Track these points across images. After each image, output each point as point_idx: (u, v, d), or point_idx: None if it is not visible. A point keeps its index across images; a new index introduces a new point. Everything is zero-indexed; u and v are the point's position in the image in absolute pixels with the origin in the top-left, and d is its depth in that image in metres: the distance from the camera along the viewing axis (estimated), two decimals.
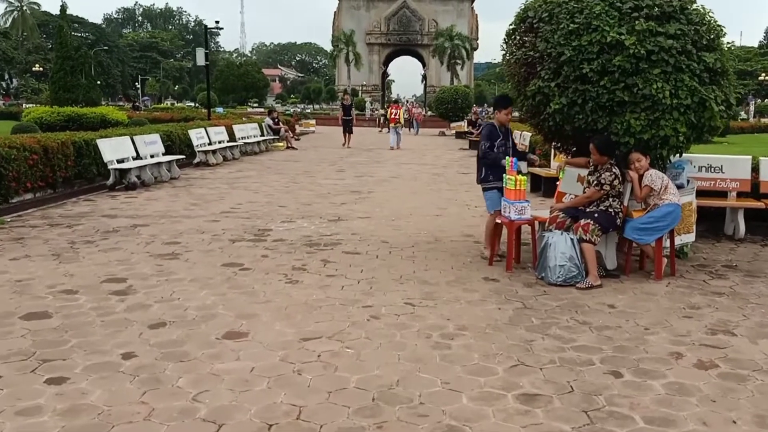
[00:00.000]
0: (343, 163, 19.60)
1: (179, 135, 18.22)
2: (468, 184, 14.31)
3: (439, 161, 20.55)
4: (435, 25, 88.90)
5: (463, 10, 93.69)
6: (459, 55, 73.43)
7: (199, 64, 28.95)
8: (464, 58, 75.09)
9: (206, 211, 10.67)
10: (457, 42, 73.08)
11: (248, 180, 14.92)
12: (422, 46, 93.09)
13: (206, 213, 10.45)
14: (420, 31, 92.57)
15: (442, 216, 10.32)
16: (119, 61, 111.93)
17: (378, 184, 14.53)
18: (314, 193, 12.91)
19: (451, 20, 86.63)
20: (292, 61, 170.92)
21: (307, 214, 10.39)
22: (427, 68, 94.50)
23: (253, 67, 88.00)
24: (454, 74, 74.42)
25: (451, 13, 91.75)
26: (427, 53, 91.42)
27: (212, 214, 10.39)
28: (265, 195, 12.55)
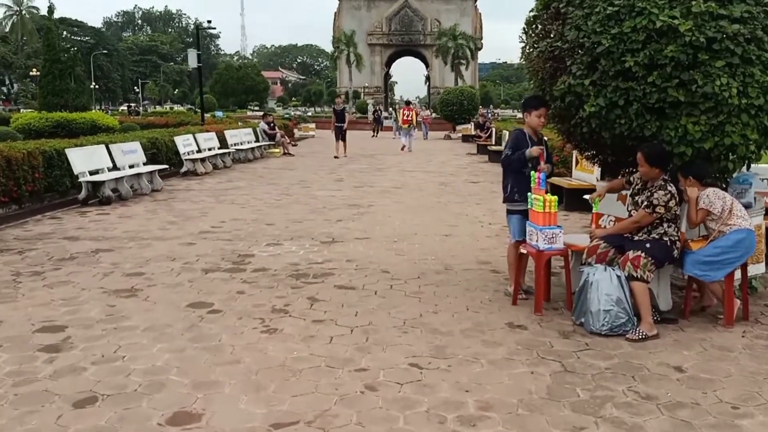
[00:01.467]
0: (342, 171, 18.36)
1: (166, 142, 17.03)
2: (478, 195, 13.05)
3: (445, 168, 19.29)
4: (438, 25, 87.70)
5: (467, 9, 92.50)
6: (463, 55, 72.19)
7: (191, 66, 27.80)
8: (468, 58, 73.83)
9: (183, 231, 9.43)
10: (461, 41, 71.85)
11: (237, 192, 13.69)
12: (425, 47, 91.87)
13: (182, 234, 9.21)
14: (422, 31, 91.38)
15: (451, 236, 9.06)
16: (119, 65, 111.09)
17: (379, 195, 13.29)
18: (308, 207, 11.67)
19: (454, 19, 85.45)
20: (294, 64, 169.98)
21: (297, 235, 9.14)
22: (431, 69, 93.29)
23: (253, 69, 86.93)
24: (459, 75, 73.19)
25: (454, 12, 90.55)
26: (430, 54, 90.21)
27: (189, 234, 9.15)
28: (253, 210, 11.31)
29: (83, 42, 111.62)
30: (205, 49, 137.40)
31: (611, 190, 5.77)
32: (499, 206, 11.73)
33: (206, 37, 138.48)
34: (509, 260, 6.18)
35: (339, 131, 22.97)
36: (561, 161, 13.65)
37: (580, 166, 11.54)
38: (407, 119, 27.19)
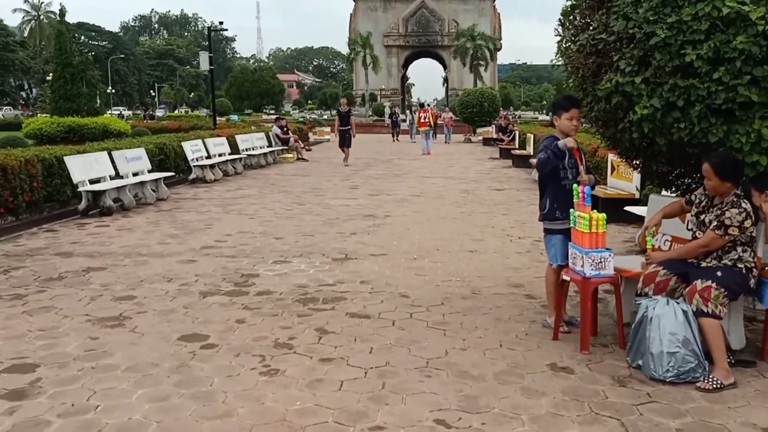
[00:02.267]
0: (357, 177, 17.64)
1: (174, 148, 16.42)
2: (504, 205, 12.26)
3: (467, 174, 18.50)
4: (455, 26, 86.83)
5: (485, 9, 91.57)
6: (482, 56, 71.27)
7: (202, 68, 27.27)
8: (488, 59, 72.90)
9: (184, 245, 8.74)
10: (479, 42, 70.94)
11: (246, 201, 13.00)
12: (442, 48, 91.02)
13: (183, 249, 8.52)
14: (440, 32, 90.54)
15: (478, 252, 8.28)
16: (136, 69, 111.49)
17: (397, 204, 12.54)
18: (320, 218, 10.95)
19: (472, 20, 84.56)
20: (310, 66, 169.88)
21: (308, 250, 8.41)
22: (449, 70, 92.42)
23: (268, 72, 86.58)
24: (477, 76, 72.26)
25: (472, 13, 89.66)
26: (447, 55, 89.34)
27: (190, 250, 8.46)
28: (261, 221, 10.61)
29: (101, 46, 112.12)
30: (221, 53, 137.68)
31: (667, 216, 4.95)
32: (527, 216, 11.01)
33: (222, 41, 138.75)
34: (548, 288, 5.40)
35: (343, 136, 21.24)
36: (594, 167, 12.83)
37: (617, 173, 10.72)
38: (425, 122, 26.95)
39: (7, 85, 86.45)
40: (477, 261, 7.78)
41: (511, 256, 8.03)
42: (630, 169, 9.95)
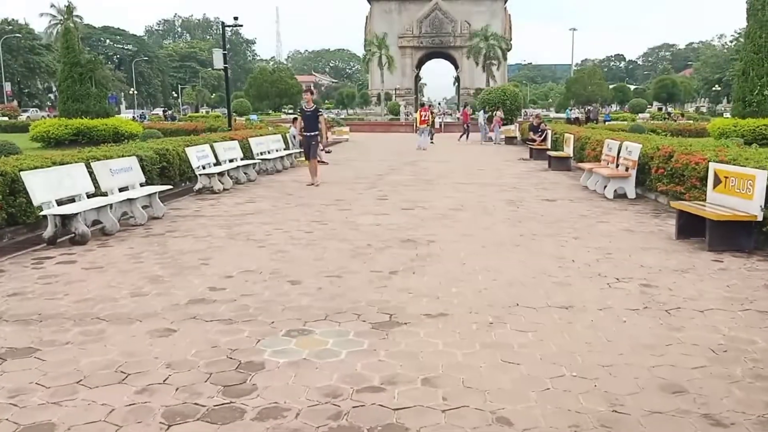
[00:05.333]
0: (383, 184, 14.82)
1: (179, 153, 13.69)
2: (567, 223, 9.40)
3: (503, 179, 15.62)
4: (468, 27, 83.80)
5: (497, 10, 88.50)
6: (495, 56, 68.06)
7: (216, 66, 24.49)
8: (500, 59, 69.68)
9: (166, 298, 5.97)
10: (492, 42, 67.74)
11: (257, 219, 10.23)
12: (455, 48, 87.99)
13: (163, 306, 5.75)
14: (453, 33, 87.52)
15: (575, 309, 5.44)
16: (159, 71, 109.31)
17: (438, 222, 9.73)
18: (347, 245, 8.17)
19: (484, 21, 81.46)
20: (326, 68, 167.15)
21: (335, 307, 5.62)
22: (460, 70, 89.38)
23: (286, 73, 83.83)
24: (490, 75, 69.08)
25: (485, 14, 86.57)
26: (460, 55, 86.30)
27: (172, 308, 5.69)
28: (273, 252, 7.83)
29: (125, 50, 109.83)
30: (242, 55, 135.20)
31: None
32: (607, 242, 8.02)
33: (242, 43, 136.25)
34: None
35: (308, 144, 14.29)
36: (668, 174, 9.97)
37: (725, 187, 7.81)
38: (426, 120, 27.41)
39: (33, 87, 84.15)
40: (583, 329, 4.94)
41: (628, 318, 5.20)
42: (748, 182, 7.10)
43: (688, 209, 7.85)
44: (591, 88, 65.70)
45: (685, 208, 7.93)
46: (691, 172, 9.42)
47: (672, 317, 5.17)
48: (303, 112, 14.50)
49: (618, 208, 10.72)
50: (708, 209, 7.69)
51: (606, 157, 13.19)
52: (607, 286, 6.11)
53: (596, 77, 72.34)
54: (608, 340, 4.72)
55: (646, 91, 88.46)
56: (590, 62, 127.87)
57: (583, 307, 5.50)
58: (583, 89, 65.67)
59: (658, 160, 10.90)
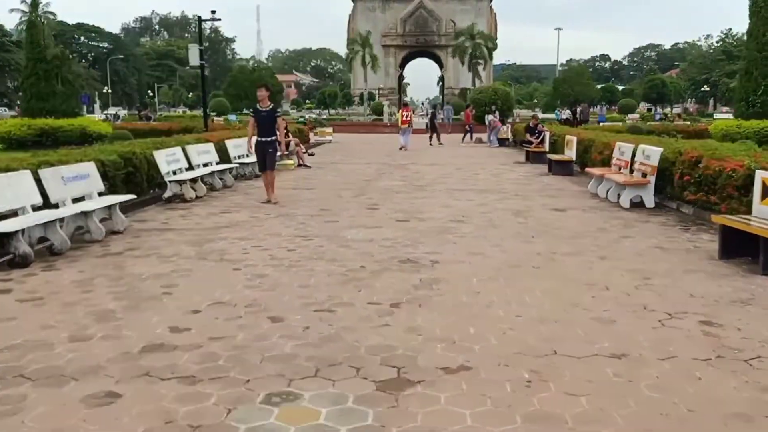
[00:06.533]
0: (372, 190, 13.72)
1: (147, 157, 12.45)
2: (587, 238, 8.34)
3: (502, 184, 14.58)
4: (453, 25, 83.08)
5: (482, 9, 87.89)
6: (481, 55, 67.21)
7: (192, 64, 23.27)
8: (486, 58, 68.87)
9: (115, 342, 4.82)
10: (478, 41, 66.90)
11: (232, 233, 9.07)
12: (440, 47, 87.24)
13: (109, 353, 4.59)
14: (437, 32, 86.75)
15: (633, 361, 4.34)
16: (135, 69, 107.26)
17: (438, 236, 8.65)
18: (338, 266, 7.05)
19: (469, 20, 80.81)
20: (308, 67, 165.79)
21: (327, 357, 4.49)
22: (445, 70, 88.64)
23: (267, 72, 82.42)
24: (476, 75, 68.26)
25: (470, 13, 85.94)
26: (445, 54, 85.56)
27: (121, 356, 4.53)
28: (251, 277, 6.70)
29: (101, 47, 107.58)
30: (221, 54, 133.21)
31: None
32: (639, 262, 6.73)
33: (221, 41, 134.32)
34: None
35: (263, 152, 11.81)
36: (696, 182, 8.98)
37: None
38: (407, 120, 27.36)
39: (2, 85, 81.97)
40: (650, 391, 3.83)
41: (701, 373, 4.12)
42: None
43: (735, 225, 6.83)
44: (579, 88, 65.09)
45: (730, 223, 6.92)
46: (726, 180, 8.42)
47: (756, 371, 4.12)
48: (257, 112, 11.90)
49: (639, 220, 9.71)
50: (755, 224, 6.68)
51: (617, 162, 12.20)
52: (660, 325, 5.06)
53: (584, 77, 71.81)
54: (689, 409, 3.65)
55: (634, 91, 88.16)
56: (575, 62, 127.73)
57: (640, 356, 4.43)
58: (571, 89, 65.05)
59: (682, 166, 9.91)
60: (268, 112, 11.85)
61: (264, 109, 11.86)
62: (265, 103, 11.91)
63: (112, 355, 4.58)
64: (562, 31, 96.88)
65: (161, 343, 4.83)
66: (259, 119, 11.85)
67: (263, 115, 11.82)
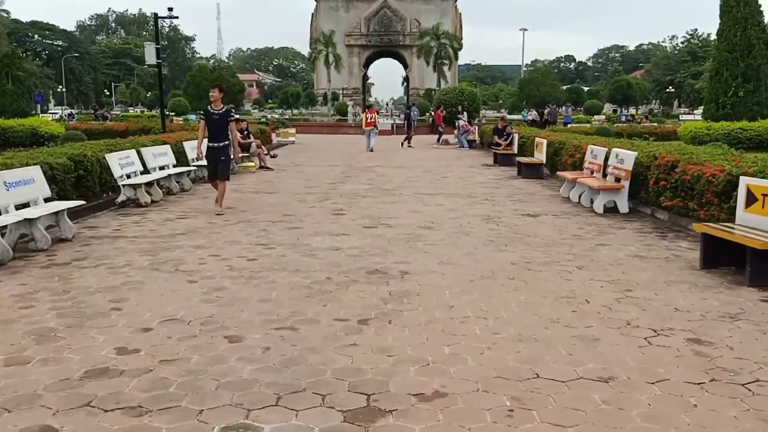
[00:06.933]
0: (337, 194, 13.37)
1: (99, 160, 11.91)
2: (564, 246, 8.10)
3: (471, 188, 14.37)
4: (417, 25, 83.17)
5: (447, 9, 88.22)
6: (446, 55, 67.28)
7: (148, 62, 22.57)
8: (452, 58, 68.99)
9: (55, 367, 4.40)
10: (443, 41, 66.96)
11: (189, 241, 8.63)
12: (404, 47, 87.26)
13: (48, 379, 4.17)
14: (402, 32, 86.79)
15: (622, 385, 4.07)
16: (91, 68, 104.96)
17: (407, 244, 8.35)
18: (301, 278, 6.69)
19: (434, 19, 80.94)
20: (270, 66, 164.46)
21: (288, 385, 4.13)
22: (410, 70, 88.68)
23: (227, 71, 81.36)
24: (441, 75, 68.31)
25: (434, 13, 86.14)
26: (409, 54, 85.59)
27: (60, 384, 4.12)
28: (207, 290, 6.29)
29: (55, 45, 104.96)
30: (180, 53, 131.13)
31: None
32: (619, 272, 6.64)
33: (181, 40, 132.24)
34: None
35: (215, 160, 10.99)
36: (672, 187, 8.83)
37: (763, 206, 6.66)
38: (371, 121, 27.35)
39: None
40: (643, 420, 3.56)
41: (696, 399, 3.88)
42: None
43: (717, 233, 6.67)
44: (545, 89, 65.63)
45: (713, 231, 6.76)
46: (705, 185, 8.29)
47: (757, 397, 3.89)
48: (208, 115, 10.92)
49: (614, 226, 9.55)
50: (739, 233, 6.53)
51: (590, 165, 12.07)
52: (647, 343, 4.82)
53: (550, 78, 72.47)
54: None
55: (599, 92, 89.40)
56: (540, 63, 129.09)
57: (628, 379, 4.18)
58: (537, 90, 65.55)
59: (657, 171, 9.78)
60: (221, 114, 10.89)
61: (216, 111, 10.91)
62: (218, 105, 10.96)
63: (51, 382, 4.17)
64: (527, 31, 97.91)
65: (106, 367, 4.42)
66: (210, 122, 10.90)
67: (215, 118, 10.86)
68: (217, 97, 10.95)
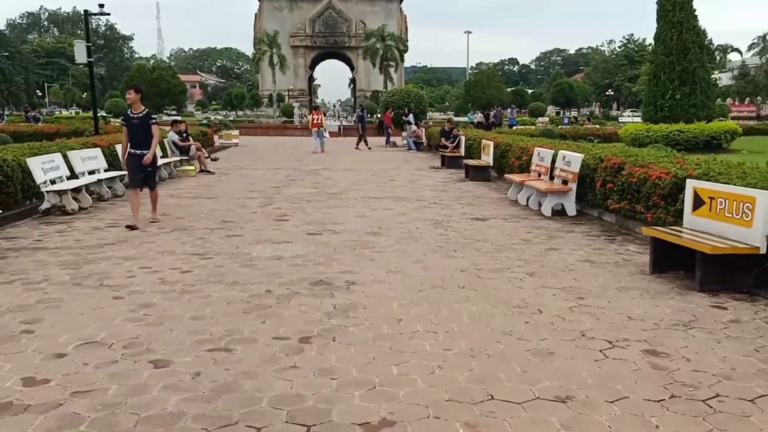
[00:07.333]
0: (281, 199, 12.92)
1: (20, 165, 11.17)
2: (514, 252, 7.86)
3: (420, 191, 14.10)
4: (363, 26, 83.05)
5: (392, 11, 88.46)
6: (392, 57, 67.27)
7: (78, 61, 21.57)
8: (398, 60, 69.03)
9: None
10: (390, 43, 66.94)
11: (117, 252, 8.07)
12: (350, 49, 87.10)
13: None
14: (347, 33, 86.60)
15: (580, 405, 3.77)
16: (22, 68, 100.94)
17: (354, 252, 7.99)
18: (239, 290, 6.25)
19: (379, 21, 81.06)
20: (213, 67, 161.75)
21: (219, 418, 3.70)
22: (356, 71, 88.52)
23: (168, 71, 79.52)
24: (388, 77, 68.26)
25: (380, 14, 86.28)
26: (355, 56, 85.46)
27: None
28: (133, 308, 5.79)
29: None
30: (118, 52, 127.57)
31: None
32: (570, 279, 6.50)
33: (118, 39, 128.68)
34: None
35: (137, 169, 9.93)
36: (619, 189, 8.71)
37: (710, 209, 6.54)
38: (317, 123, 27.44)
39: None
40: None
41: (658, 419, 3.61)
42: (745, 206, 5.87)
43: (666, 237, 6.54)
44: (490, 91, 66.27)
45: (661, 235, 6.62)
46: (651, 188, 8.19)
47: (719, 415, 3.67)
48: (128, 119, 9.92)
49: (562, 230, 9.40)
50: (687, 236, 6.40)
51: (537, 168, 11.94)
52: (603, 356, 4.58)
53: (494, 80, 73.22)
54: None
55: (543, 94, 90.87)
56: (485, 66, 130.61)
57: (587, 398, 3.92)
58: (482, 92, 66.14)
59: (604, 173, 9.69)
60: (141, 118, 9.87)
61: (136, 114, 9.90)
62: (138, 108, 9.94)
63: None
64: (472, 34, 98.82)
65: (9, 401, 3.92)
66: (129, 126, 9.88)
67: (135, 122, 9.85)
68: (134, 99, 9.91)
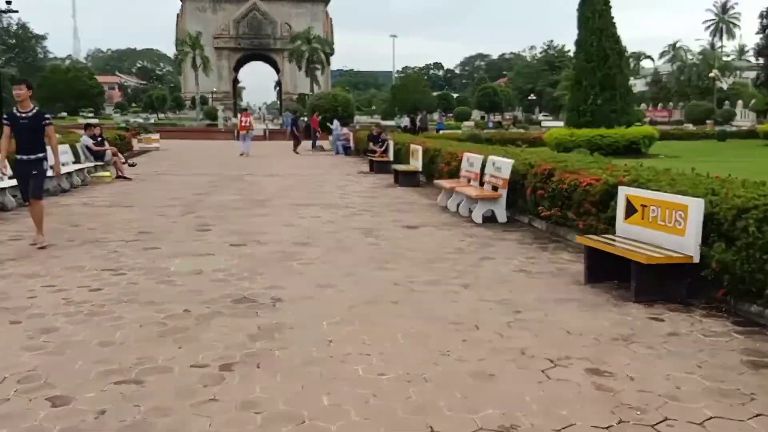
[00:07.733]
0: (204, 207, 12.32)
1: None
2: (447, 262, 7.62)
3: (349, 198, 13.77)
4: (288, 29, 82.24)
5: (318, 14, 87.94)
6: (318, 60, 66.77)
7: None
8: (324, 63, 68.57)
9: None
10: (315, 45, 66.41)
11: (19, 268, 7.36)
12: (276, 51, 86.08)
13: None
14: (272, 35, 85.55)
15: None
16: None
17: (280, 264, 7.58)
18: (154, 311, 5.74)
19: (305, 24, 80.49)
20: (133, 69, 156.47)
21: None
22: (282, 74, 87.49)
23: (85, 72, 76.41)
24: (314, 80, 67.67)
25: (305, 17, 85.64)
26: (281, 58, 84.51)
27: None
28: (32, 335, 5.19)
29: None
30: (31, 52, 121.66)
31: None
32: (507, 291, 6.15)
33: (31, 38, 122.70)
34: None
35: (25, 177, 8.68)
36: (550, 196, 8.62)
37: (642, 216, 6.46)
38: (245, 125, 27.59)
39: None
40: None
41: None
42: (677, 213, 5.83)
43: (599, 246, 6.43)
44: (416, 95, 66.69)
45: (595, 244, 6.51)
46: (582, 195, 8.12)
47: None
48: (13, 119, 8.43)
49: (494, 237, 9.24)
50: (620, 245, 6.31)
51: (466, 174, 11.81)
52: (545, 377, 4.35)
53: (421, 84, 73.77)
54: None
55: (468, 99, 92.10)
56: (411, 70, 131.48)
57: (532, 426, 3.66)
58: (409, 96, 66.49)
59: (534, 179, 9.61)
60: (31, 118, 8.39)
61: (24, 114, 8.40)
62: (27, 106, 8.44)
63: None
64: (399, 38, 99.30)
65: None
66: (16, 128, 8.38)
67: (23, 123, 8.34)
68: (24, 96, 8.39)
